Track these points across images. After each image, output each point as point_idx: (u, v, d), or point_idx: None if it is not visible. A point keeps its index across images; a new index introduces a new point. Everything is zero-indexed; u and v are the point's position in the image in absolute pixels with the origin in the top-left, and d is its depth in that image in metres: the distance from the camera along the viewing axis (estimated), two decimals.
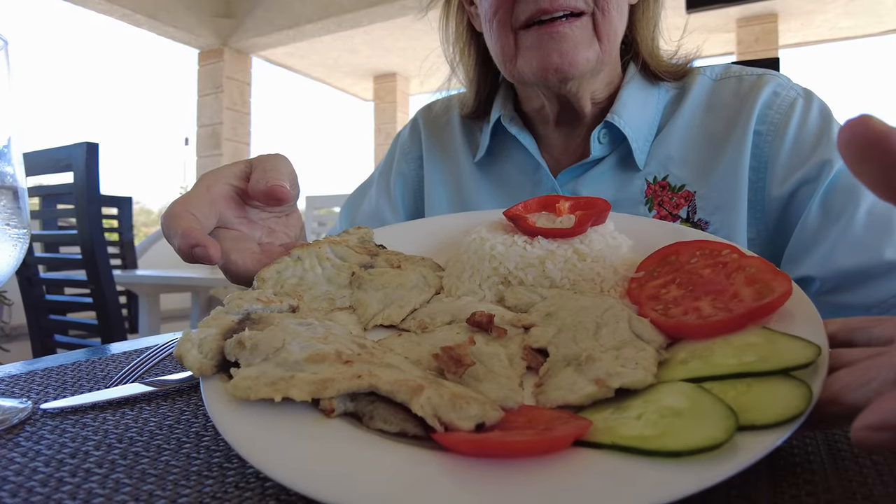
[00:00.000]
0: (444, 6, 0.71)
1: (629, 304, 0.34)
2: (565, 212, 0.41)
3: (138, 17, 3.93)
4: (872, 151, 0.21)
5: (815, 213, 0.56)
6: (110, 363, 0.46)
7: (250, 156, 3.37)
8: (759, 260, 0.32)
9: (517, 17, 0.59)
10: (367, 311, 0.36)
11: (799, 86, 0.63)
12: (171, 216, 0.39)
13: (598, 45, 0.60)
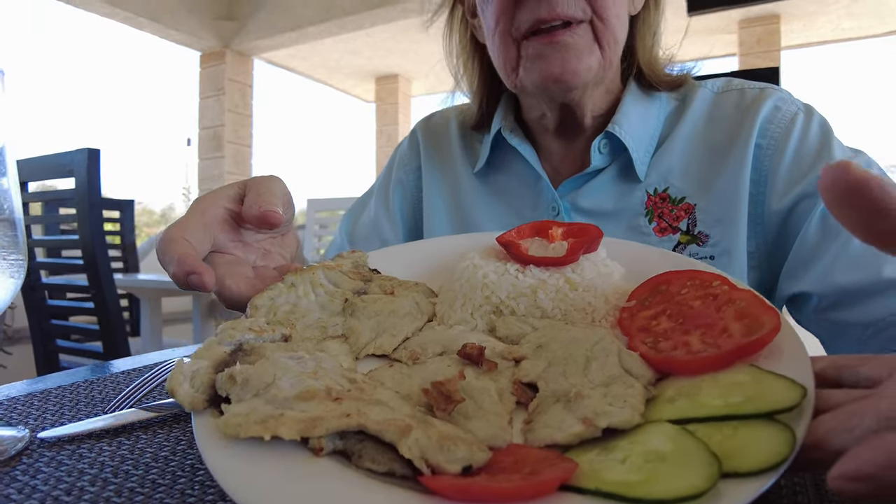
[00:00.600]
0: (447, 18, 0.71)
1: (620, 334, 0.34)
2: (558, 238, 0.41)
3: (141, 20, 3.94)
4: (852, 198, 0.21)
5: (814, 228, 0.56)
6: (109, 384, 0.46)
7: (252, 158, 3.40)
8: (749, 293, 0.32)
9: (518, 27, 0.59)
10: (358, 340, 0.36)
11: (800, 101, 0.63)
12: (167, 242, 0.40)
13: (599, 53, 0.60)
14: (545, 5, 0.57)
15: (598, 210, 0.65)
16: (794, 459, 0.22)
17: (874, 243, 0.22)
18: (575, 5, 0.58)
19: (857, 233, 0.22)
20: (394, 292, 0.40)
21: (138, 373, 0.50)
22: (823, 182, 0.22)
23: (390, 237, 0.78)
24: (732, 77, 0.69)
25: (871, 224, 0.21)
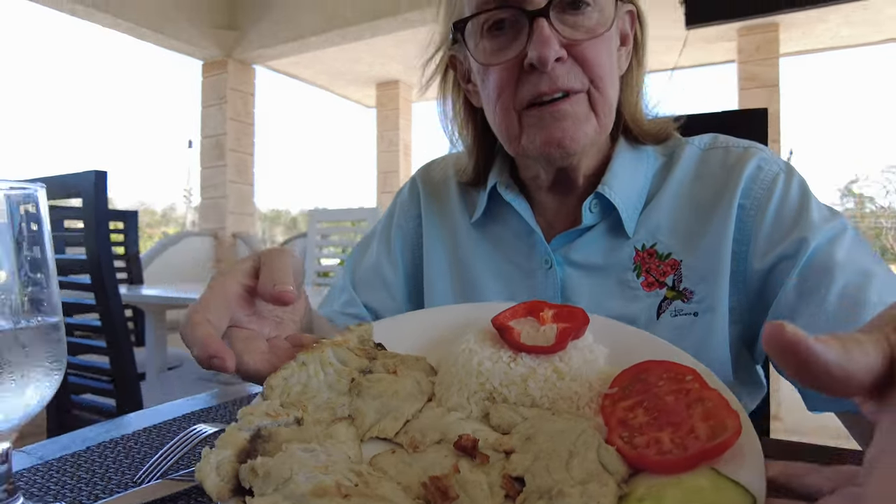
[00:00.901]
0: (440, 84, 0.74)
1: (601, 423, 0.38)
2: (548, 321, 0.45)
3: (143, 31, 3.98)
4: (785, 354, 0.25)
5: (791, 289, 0.59)
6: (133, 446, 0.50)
7: (254, 166, 3.42)
8: (716, 393, 0.35)
9: (520, 100, 0.63)
10: (364, 422, 0.40)
11: (781, 160, 0.67)
12: (190, 325, 0.43)
13: (596, 120, 0.64)
14: (546, 80, 0.60)
15: (589, 264, 0.68)
16: None
17: (810, 388, 0.25)
18: (574, 78, 0.61)
19: (796, 379, 0.25)
20: (396, 371, 0.44)
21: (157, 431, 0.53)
22: (765, 337, 0.25)
23: (392, 281, 0.81)
24: (718, 134, 0.72)
25: (801, 377, 0.25)
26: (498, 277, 0.74)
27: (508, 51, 0.62)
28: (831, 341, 0.25)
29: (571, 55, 0.61)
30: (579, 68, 0.62)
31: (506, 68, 0.63)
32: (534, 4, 0.60)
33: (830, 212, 0.62)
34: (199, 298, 0.46)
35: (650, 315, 0.64)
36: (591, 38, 0.61)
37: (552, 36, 0.60)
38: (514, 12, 0.61)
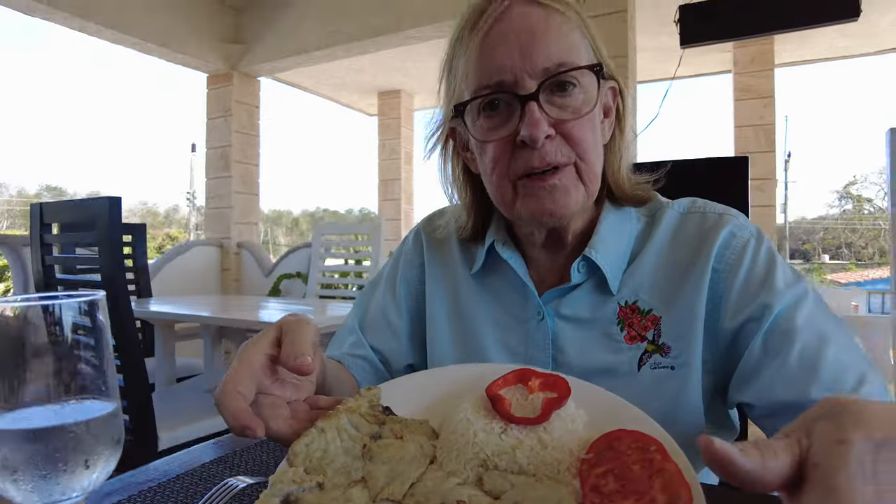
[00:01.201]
0: (440, 151, 0.81)
1: (578, 487, 0.44)
2: (536, 389, 0.51)
3: (149, 46, 4.05)
4: (717, 464, 0.31)
5: (757, 349, 0.66)
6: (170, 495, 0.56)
7: (259, 177, 3.49)
8: (674, 465, 0.42)
9: (514, 171, 0.69)
10: (376, 485, 0.47)
11: (752, 226, 0.73)
12: (223, 396, 0.50)
13: (584, 189, 0.71)
14: (537, 156, 0.67)
15: (577, 317, 0.75)
16: None
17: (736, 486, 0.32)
18: (562, 153, 0.68)
19: (728, 481, 0.32)
20: (402, 437, 0.50)
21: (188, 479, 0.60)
22: (701, 449, 0.32)
23: (396, 325, 0.88)
24: (697, 198, 0.79)
25: (728, 479, 0.31)
26: (495, 325, 0.81)
27: (503, 129, 0.69)
28: (751, 452, 0.31)
29: (559, 132, 0.68)
30: (567, 144, 0.68)
31: (501, 144, 0.69)
32: (525, 89, 0.67)
33: (794, 276, 0.69)
34: (230, 369, 0.53)
35: (632, 366, 0.71)
36: (577, 118, 0.68)
37: (542, 118, 0.66)
38: (507, 96, 0.68)
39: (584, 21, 0.71)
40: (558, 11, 0.68)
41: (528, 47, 0.66)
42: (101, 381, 0.42)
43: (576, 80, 0.68)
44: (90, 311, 0.41)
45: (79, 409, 0.40)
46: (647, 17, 4.24)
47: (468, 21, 0.71)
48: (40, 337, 0.40)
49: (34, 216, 2.04)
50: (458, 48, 0.73)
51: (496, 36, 0.68)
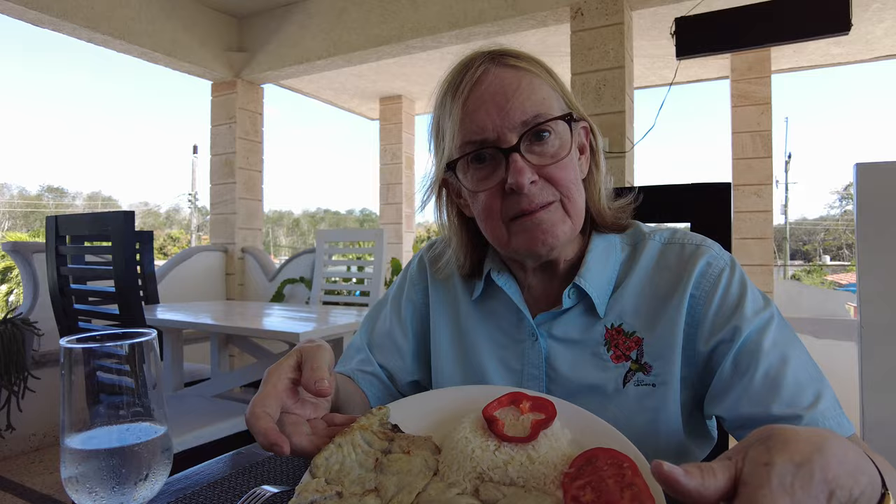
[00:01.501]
0: (436, 200, 0.88)
1: (560, 497, 0.52)
2: (526, 411, 0.59)
3: (156, 55, 4.13)
4: (664, 483, 0.38)
5: (728, 368, 0.73)
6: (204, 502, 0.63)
7: (263, 183, 3.57)
8: (641, 481, 0.49)
9: (505, 214, 0.77)
10: (387, 494, 0.54)
11: (726, 256, 0.80)
12: (254, 417, 0.58)
13: (570, 222, 0.78)
14: (525, 199, 0.74)
15: (568, 338, 0.82)
16: None
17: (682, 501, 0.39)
18: (547, 194, 0.75)
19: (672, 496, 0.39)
20: (409, 452, 0.58)
21: (220, 486, 0.67)
22: (652, 470, 0.39)
23: (402, 345, 0.95)
24: (677, 229, 0.86)
25: (675, 495, 0.39)
26: (493, 345, 0.88)
27: (491, 179, 0.77)
28: (694, 472, 0.39)
29: (542, 176, 0.75)
30: (550, 185, 0.76)
31: (491, 192, 0.77)
32: (507, 143, 0.74)
33: (763, 302, 0.76)
34: (259, 391, 0.60)
35: (617, 383, 0.78)
36: (557, 162, 0.76)
37: (525, 166, 0.74)
38: (492, 150, 0.75)
39: (551, 75, 0.79)
40: (527, 70, 0.76)
41: (504, 106, 0.74)
42: (154, 407, 0.49)
43: (550, 128, 0.76)
44: (144, 350, 0.49)
45: (137, 432, 0.48)
46: (645, 25, 4.32)
47: (450, 86, 0.79)
48: (106, 371, 0.48)
49: (50, 228, 2.11)
50: (443, 112, 0.80)
51: (475, 100, 0.75)
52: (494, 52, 0.78)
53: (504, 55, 0.78)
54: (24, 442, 3.34)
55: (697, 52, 3.00)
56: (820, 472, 0.39)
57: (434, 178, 0.85)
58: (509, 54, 0.78)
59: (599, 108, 3.15)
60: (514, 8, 3.47)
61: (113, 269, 1.93)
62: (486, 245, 0.89)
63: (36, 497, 2.81)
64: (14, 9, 3.37)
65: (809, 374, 0.71)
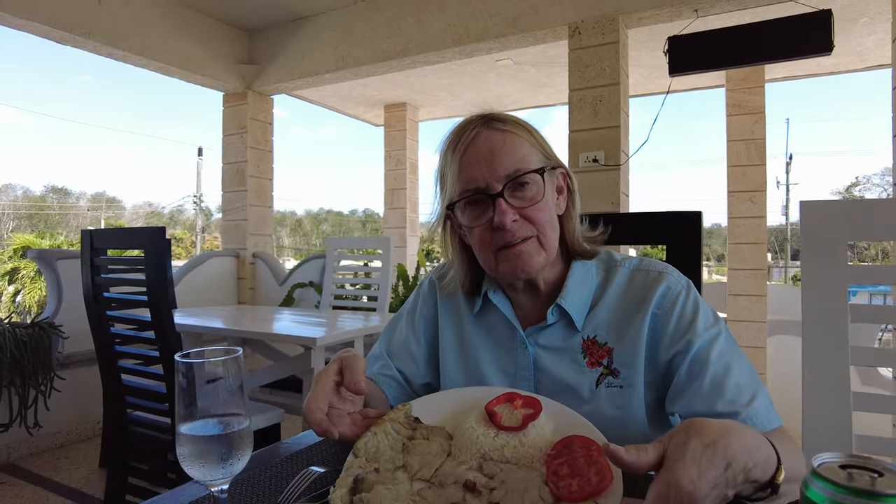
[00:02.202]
0: (442, 231, 1.05)
1: (544, 472, 0.69)
2: (519, 407, 0.76)
3: (171, 69, 4.32)
4: (610, 458, 0.55)
5: (683, 374, 0.90)
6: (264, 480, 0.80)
7: (273, 190, 3.75)
8: (605, 460, 0.66)
9: (494, 245, 0.94)
10: (412, 470, 0.71)
11: (683, 280, 0.97)
12: (309, 412, 0.75)
13: (544, 254, 0.95)
14: (508, 234, 0.92)
15: (552, 347, 0.99)
16: None
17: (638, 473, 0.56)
18: (526, 229, 0.93)
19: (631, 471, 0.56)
20: (428, 438, 0.75)
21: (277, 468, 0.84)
22: (602, 450, 0.56)
23: (416, 352, 1.12)
24: (643, 258, 1.03)
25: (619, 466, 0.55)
26: (491, 352, 1.05)
27: (482, 218, 0.94)
28: (631, 450, 0.56)
29: (522, 216, 0.93)
30: (528, 223, 0.93)
31: (482, 228, 0.95)
32: (494, 190, 0.92)
33: (713, 319, 0.93)
34: (311, 392, 0.78)
35: (592, 385, 0.95)
36: (533, 205, 0.93)
37: (507, 209, 0.91)
38: (482, 196, 0.93)
39: (532, 134, 0.97)
40: (512, 133, 0.94)
41: (492, 162, 0.92)
42: (241, 404, 0.67)
43: (528, 179, 0.93)
44: (236, 362, 0.66)
45: (231, 423, 0.65)
46: (641, 39, 4.48)
47: (451, 143, 0.97)
48: (209, 376, 0.65)
49: (85, 241, 2.29)
50: (445, 163, 0.99)
51: (470, 156, 0.94)
52: (486, 117, 0.97)
53: (493, 120, 0.96)
54: (50, 439, 3.52)
55: (689, 70, 3.17)
56: (722, 450, 0.55)
57: (439, 213, 1.02)
58: (497, 119, 0.96)
59: (595, 123, 3.32)
60: (515, 26, 3.64)
61: (146, 280, 2.10)
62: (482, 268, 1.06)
63: (64, 490, 2.99)
64: (40, 28, 3.56)
65: (747, 379, 0.87)
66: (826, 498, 0.45)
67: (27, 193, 53.43)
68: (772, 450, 0.61)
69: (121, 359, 2.34)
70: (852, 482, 0.44)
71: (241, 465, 0.66)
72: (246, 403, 0.67)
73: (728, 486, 0.54)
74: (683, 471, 0.53)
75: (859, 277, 1.04)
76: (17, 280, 16.80)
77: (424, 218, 8.00)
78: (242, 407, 0.67)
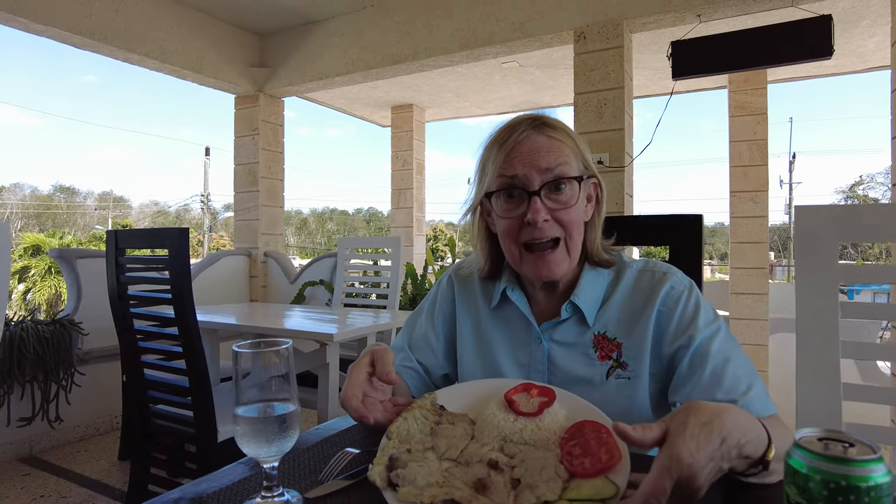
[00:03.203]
0: (472, 215, 1.13)
1: (559, 453, 0.77)
2: (535, 396, 0.84)
3: (185, 72, 4.41)
4: (620, 435, 0.64)
5: (685, 366, 0.98)
6: (304, 460, 0.89)
7: (284, 191, 3.85)
8: (613, 440, 0.74)
9: (521, 240, 1.02)
10: (440, 451, 0.79)
11: (686, 280, 1.05)
12: (346, 399, 0.84)
13: (569, 259, 1.03)
14: (537, 231, 0.99)
15: (565, 342, 1.07)
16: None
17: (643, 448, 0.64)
18: (555, 230, 1.01)
19: (625, 443, 0.64)
20: (454, 423, 0.83)
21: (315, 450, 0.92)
22: (612, 428, 0.64)
23: (435, 345, 1.21)
24: (649, 259, 1.11)
25: (627, 442, 0.64)
26: (507, 345, 1.13)
27: (516, 211, 1.02)
28: (638, 428, 0.64)
29: (553, 217, 1.00)
30: (558, 225, 1.01)
31: (513, 220, 1.02)
32: (532, 187, 0.99)
33: (713, 316, 1.01)
34: (347, 381, 0.87)
35: (602, 377, 1.03)
36: (566, 209, 1.01)
37: (541, 207, 0.99)
38: (520, 190, 1.01)
39: (576, 144, 1.04)
40: (558, 139, 1.01)
41: (535, 161, 0.99)
42: (290, 390, 0.75)
43: (565, 183, 1.00)
44: (288, 352, 0.75)
45: (282, 406, 0.74)
46: (645, 41, 4.55)
47: (499, 139, 1.03)
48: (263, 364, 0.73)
49: (110, 241, 2.38)
50: (489, 154, 1.05)
51: (516, 153, 1.00)
52: (537, 121, 1.03)
53: (544, 125, 1.02)
54: (70, 432, 3.62)
55: (692, 74, 3.24)
56: (718, 427, 0.63)
57: (474, 199, 1.10)
58: (548, 125, 1.02)
59: (600, 126, 3.40)
60: (522, 31, 3.71)
61: (170, 278, 2.19)
62: (503, 257, 1.14)
63: (86, 482, 3.09)
64: (60, 34, 3.65)
65: (745, 371, 0.95)
66: (805, 464, 0.53)
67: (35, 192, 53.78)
68: (763, 430, 0.69)
69: (144, 354, 2.43)
70: (827, 451, 0.52)
71: (291, 443, 0.75)
72: (294, 389, 0.76)
73: (723, 460, 0.63)
74: (683, 445, 0.61)
75: (848, 276, 1.11)
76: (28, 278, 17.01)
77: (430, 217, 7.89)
78: (291, 392, 0.75)
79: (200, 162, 30.03)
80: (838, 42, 4.93)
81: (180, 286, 2.18)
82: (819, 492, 0.52)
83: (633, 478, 0.68)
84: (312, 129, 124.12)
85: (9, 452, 3.33)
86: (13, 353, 3.18)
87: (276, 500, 0.73)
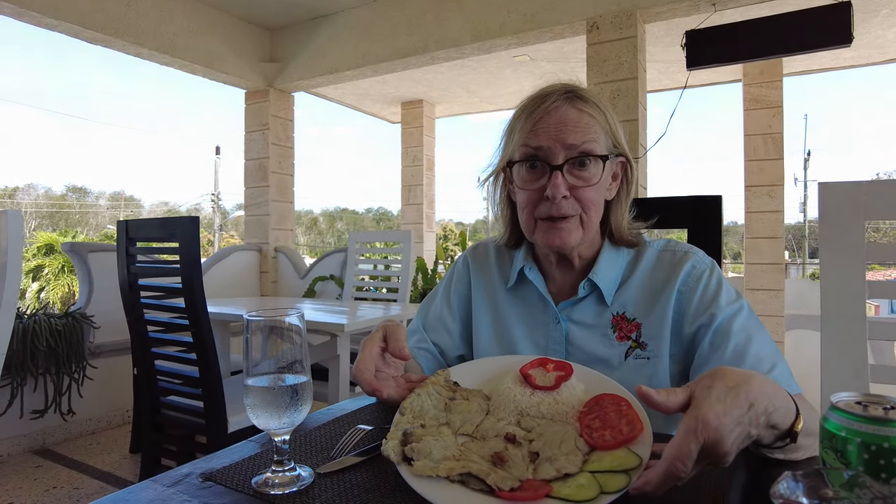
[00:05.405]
0: (494, 181, 1.11)
1: (578, 426, 0.74)
2: (551, 370, 0.82)
3: (195, 67, 4.43)
4: (643, 399, 0.61)
5: (706, 345, 0.95)
6: (317, 437, 0.87)
7: (294, 186, 3.85)
8: (634, 412, 0.71)
9: (538, 213, 0.99)
10: (455, 426, 0.77)
11: (707, 260, 1.02)
12: (359, 372, 0.82)
13: (582, 232, 1.00)
14: (555, 208, 0.97)
15: (583, 322, 1.05)
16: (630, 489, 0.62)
17: (657, 410, 0.61)
18: (572, 208, 0.98)
19: (660, 411, 0.61)
20: (468, 398, 0.81)
21: (327, 428, 0.91)
22: (636, 392, 0.61)
23: (451, 326, 1.18)
24: (670, 239, 1.08)
25: (650, 407, 0.61)
26: (524, 325, 1.11)
27: (536, 183, 0.99)
28: (662, 392, 0.61)
29: (572, 194, 0.98)
30: (576, 203, 0.98)
31: (533, 192, 0.99)
32: (555, 161, 0.97)
33: (735, 295, 0.98)
34: (359, 356, 0.84)
35: (620, 357, 1.01)
36: (587, 187, 0.98)
37: (562, 183, 0.96)
38: (543, 163, 0.98)
39: (608, 120, 1.00)
40: (588, 114, 0.98)
41: (563, 133, 0.96)
42: (303, 361, 0.73)
43: (590, 160, 0.98)
44: (300, 321, 0.73)
45: (294, 377, 0.72)
46: (658, 34, 4.50)
47: (528, 107, 1.00)
48: (277, 334, 0.71)
49: (120, 231, 2.38)
50: (517, 122, 1.02)
51: (544, 123, 0.97)
52: (570, 92, 0.99)
53: (576, 98, 0.99)
54: (83, 425, 3.64)
55: (707, 64, 3.19)
56: (745, 392, 0.60)
57: (497, 165, 1.07)
58: (579, 97, 0.99)
59: None
60: (533, 22, 3.68)
61: (180, 268, 2.19)
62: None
63: (98, 474, 3.10)
64: (71, 28, 3.68)
65: (768, 351, 0.92)
66: (843, 426, 0.50)
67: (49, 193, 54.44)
68: (791, 401, 0.66)
69: (155, 345, 2.43)
70: (867, 412, 0.50)
71: (302, 416, 0.73)
72: (306, 358, 0.74)
73: (751, 425, 0.60)
74: (709, 408, 0.58)
75: (877, 255, 1.08)
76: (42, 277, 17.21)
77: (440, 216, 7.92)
78: (304, 362, 0.73)
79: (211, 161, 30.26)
80: (856, 32, 4.85)
81: (191, 275, 2.17)
82: (859, 455, 0.49)
83: (656, 447, 0.66)
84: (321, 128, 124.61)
85: (22, 444, 3.36)
86: (26, 346, 3.20)
87: (288, 474, 0.71)
